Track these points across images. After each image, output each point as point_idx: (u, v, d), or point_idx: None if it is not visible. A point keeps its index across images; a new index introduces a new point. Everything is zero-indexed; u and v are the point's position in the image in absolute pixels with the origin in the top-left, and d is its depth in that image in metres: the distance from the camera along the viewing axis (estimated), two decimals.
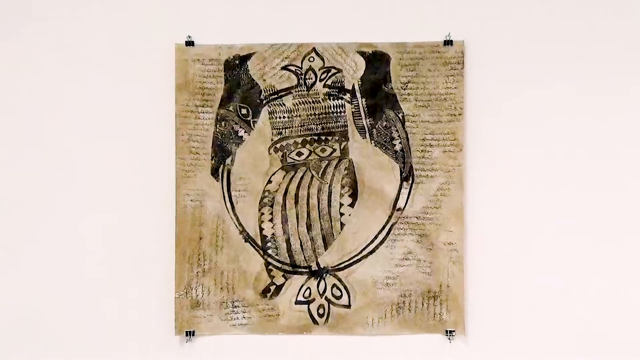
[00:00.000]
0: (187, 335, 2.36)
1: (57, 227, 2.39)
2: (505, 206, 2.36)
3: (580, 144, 2.36)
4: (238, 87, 2.36)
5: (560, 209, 2.36)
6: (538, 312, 2.35)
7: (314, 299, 2.35)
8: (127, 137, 2.39)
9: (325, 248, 2.35)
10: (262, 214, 2.35)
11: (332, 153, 2.35)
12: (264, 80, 2.36)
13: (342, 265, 2.34)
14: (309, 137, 2.35)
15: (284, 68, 2.36)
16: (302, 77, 2.35)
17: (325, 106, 2.35)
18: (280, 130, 2.36)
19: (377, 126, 2.34)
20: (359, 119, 2.35)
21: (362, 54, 2.34)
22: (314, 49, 2.35)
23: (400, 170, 2.33)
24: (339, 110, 2.34)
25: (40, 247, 2.40)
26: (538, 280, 2.35)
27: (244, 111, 2.35)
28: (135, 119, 2.39)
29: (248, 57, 2.35)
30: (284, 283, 2.35)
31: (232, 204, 2.35)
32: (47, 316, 2.38)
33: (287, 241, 2.35)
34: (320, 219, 2.34)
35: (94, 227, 2.39)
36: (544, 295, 2.35)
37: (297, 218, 2.34)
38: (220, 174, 2.35)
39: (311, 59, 2.35)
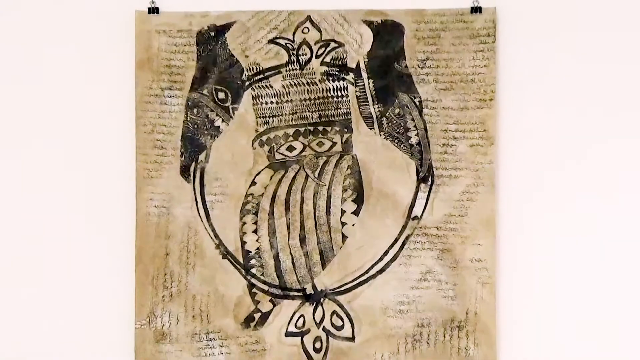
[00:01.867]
0: None
1: None
2: (546, 214, 2.24)
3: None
4: (214, 66, 2.28)
5: (616, 218, 2.22)
6: (586, 346, 2.23)
7: (308, 330, 2.26)
8: (75, 128, 2.31)
9: (323, 266, 2.26)
10: (245, 223, 2.26)
11: (331, 147, 2.26)
12: (247, 56, 2.27)
13: (344, 287, 2.25)
14: (303, 128, 2.27)
15: (272, 41, 2.27)
16: (295, 52, 2.26)
17: (323, 89, 2.26)
18: (267, 119, 2.27)
19: (387, 114, 2.25)
20: (366, 105, 2.25)
21: (369, 23, 2.24)
22: (309, 18, 2.25)
23: (417, 169, 2.24)
24: (340, 94, 2.25)
25: None
26: (587, 306, 2.23)
27: (221, 95, 2.27)
28: (86, 105, 2.31)
29: (226, 27, 2.27)
30: (271, 310, 2.27)
31: (206, 211, 2.27)
32: None
33: (276, 257, 2.26)
34: (316, 230, 2.26)
35: (34, 241, 2.32)
36: (594, 325, 2.23)
37: (288, 229, 2.26)
38: (191, 174, 2.28)
39: (305, 30, 2.25)
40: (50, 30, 2.32)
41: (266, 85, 2.26)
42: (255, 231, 2.26)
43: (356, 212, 2.24)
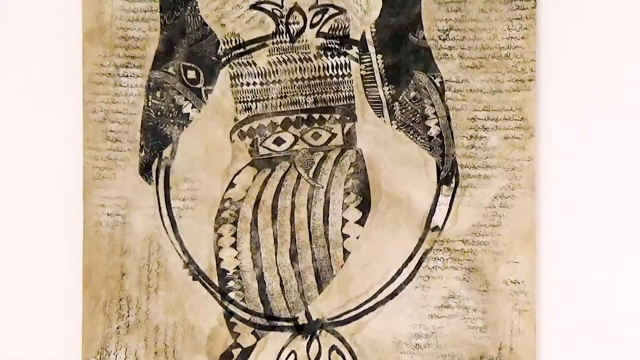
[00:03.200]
0: None
1: None
2: (599, 224, 2.03)
3: None
4: (182, 37, 2.09)
5: None
6: None
7: None
8: (6, 117, 2.15)
9: (320, 290, 2.08)
10: (221, 235, 2.09)
11: (330, 140, 2.08)
12: (223, 25, 2.10)
13: (346, 316, 2.07)
14: (294, 116, 2.09)
15: (255, 6, 2.09)
16: (284, 20, 2.09)
17: (319, 67, 2.08)
18: (249, 104, 2.09)
19: (401, 98, 2.06)
20: (373, 86, 2.07)
21: None
22: None
23: (438, 168, 2.05)
24: (341, 74, 2.08)
25: None
26: None
27: (191, 74, 2.11)
28: (20, 88, 2.14)
29: None
30: (254, 345, 2.08)
31: (172, 220, 2.10)
32: None
33: (260, 279, 2.08)
34: (311, 244, 2.08)
35: None
36: None
37: (276, 243, 2.09)
38: (154, 174, 2.11)
39: None
40: None
41: (248, 62, 2.07)
42: (234, 245, 2.07)
43: (361, 222, 2.05)
